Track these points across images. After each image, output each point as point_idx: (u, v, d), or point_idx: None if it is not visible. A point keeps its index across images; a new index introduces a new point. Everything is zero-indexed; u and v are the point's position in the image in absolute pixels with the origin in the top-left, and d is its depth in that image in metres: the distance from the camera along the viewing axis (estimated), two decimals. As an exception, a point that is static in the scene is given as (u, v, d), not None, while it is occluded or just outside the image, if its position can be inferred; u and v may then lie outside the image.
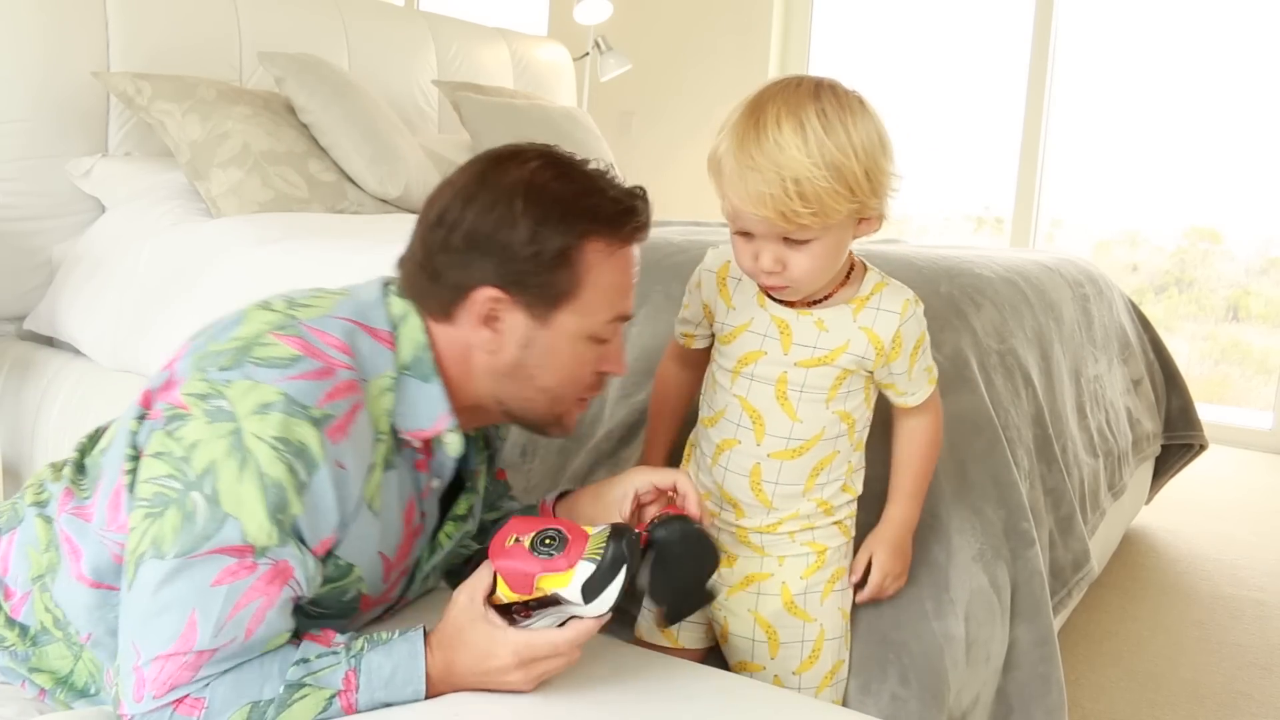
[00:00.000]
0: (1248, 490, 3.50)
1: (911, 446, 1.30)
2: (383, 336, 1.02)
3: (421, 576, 1.16)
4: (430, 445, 1.06)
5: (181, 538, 0.92)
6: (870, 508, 1.34)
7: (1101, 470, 2.10)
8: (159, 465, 0.94)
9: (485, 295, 1.02)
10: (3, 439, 2.36)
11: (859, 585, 1.32)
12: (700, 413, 1.32)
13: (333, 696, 0.94)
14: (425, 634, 0.99)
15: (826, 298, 1.22)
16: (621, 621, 1.45)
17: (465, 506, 1.16)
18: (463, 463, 1.17)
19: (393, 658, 0.97)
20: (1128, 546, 2.80)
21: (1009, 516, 1.48)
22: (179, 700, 0.92)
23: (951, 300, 1.69)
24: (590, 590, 0.94)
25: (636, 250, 1.10)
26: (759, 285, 1.23)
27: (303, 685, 0.94)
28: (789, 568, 1.27)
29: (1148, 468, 2.70)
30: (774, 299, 1.22)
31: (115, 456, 1.03)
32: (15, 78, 2.34)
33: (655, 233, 2.13)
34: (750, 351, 1.23)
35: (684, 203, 4.48)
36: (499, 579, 0.98)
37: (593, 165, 1.08)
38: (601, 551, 0.95)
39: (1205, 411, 2.83)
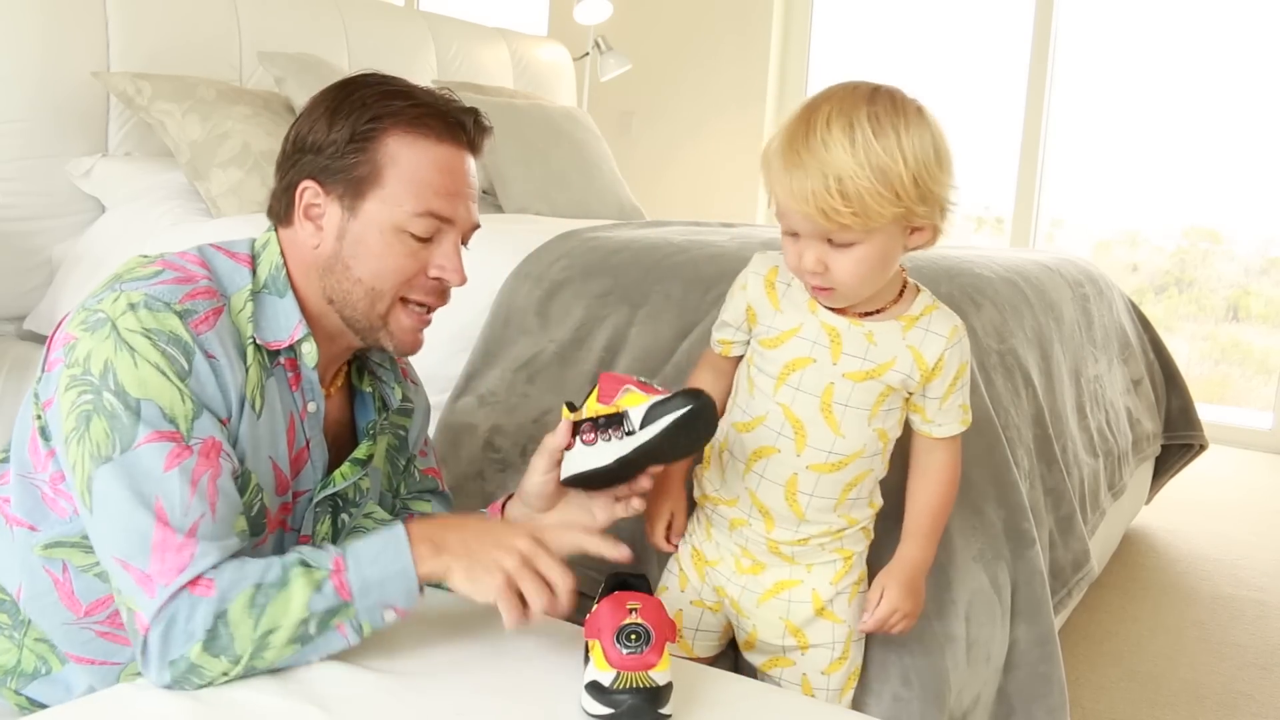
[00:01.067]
0: (1248, 490, 3.50)
1: (930, 485, 1.26)
2: (241, 258, 1.11)
3: (311, 506, 1.17)
4: (297, 364, 1.12)
5: (115, 436, 0.97)
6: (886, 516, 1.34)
7: (1101, 470, 2.10)
8: (70, 393, 1.00)
9: (303, 189, 1.11)
10: (3, 439, 2.36)
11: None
12: (732, 417, 1.28)
13: (326, 576, 0.98)
14: (405, 522, 1.04)
15: (878, 311, 1.20)
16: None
17: (364, 451, 1.21)
18: (361, 415, 1.25)
19: (377, 538, 1.02)
20: (1128, 546, 2.80)
21: (1009, 516, 1.48)
22: (193, 582, 0.95)
23: (951, 300, 1.69)
24: (650, 415, 1.06)
25: (458, 155, 1.13)
26: (808, 290, 1.20)
27: (300, 564, 0.98)
28: (818, 574, 1.26)
29: (1148, 468, 2.70)
30: (825, 306, 1.20)
31: (24, 415, 1.09)
32: (15, 78, 2.34)
33: (655, 233, 2.14)
34: (798, 358, 1.20)
35: (684, 203, 4.49)
36: (594, 391, 1.13)
37: (427, 86, 1.15)
38: (675, 392, 1.07)
39: (1205, 411, 2.83)
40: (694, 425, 1.06)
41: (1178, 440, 2.72)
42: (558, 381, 1.72)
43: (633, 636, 0.99)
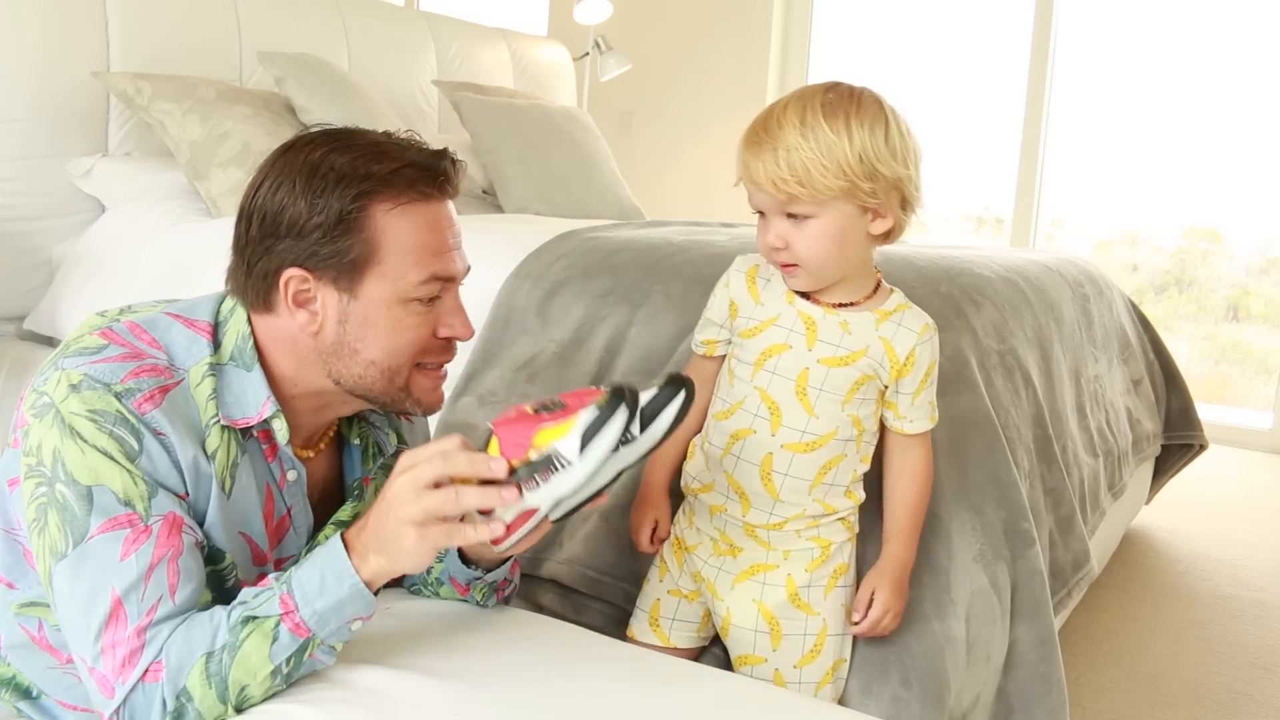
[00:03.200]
0: (1248, 490, 3.50)
1: (908, 483, 1.32)
2: (201, 328, 1.05)
3: None
4: (272, 434, 1.07)
5: (68, 530, 0.95)
6: (872, 508, 1.34)
7: (1101, 470, 2.10)
8: (28, 483, 0.98)
9: (289, 276, 1.03)
10: (3, 439, 2.36)
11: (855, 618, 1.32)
12: (712, 409, 1.33)
13: (277, 623, 0.95)
14: (342, 534, 0.99)
15: (853, 304, 1.27)
16: (613, 619, 1.45)
17: (349, 512, 1.16)
18: (349, 470, 1.20)
19: (317, 565, 0.97)
20: (1128, 546, 2.80)
21: (1009, 517, 1.48)
22: (144, 673, 0.94)
23: (951, 300, 1.69)
24: (589, 435, 0.93)
25: (444, 208, 1.07)
26: (783, 277, 1.28)
27: (246, 622, 0.95)
28: (794, 560, 1.29)
29: (1148, 468, 2.70)
30: (801, 295, 1.27)
31: (3, 472, 1.07)
32: (15, 78, 2.34)
33: (655, 233, 2.14)
34: (775, 345, 1.27)
35: (684, 203, 4.49)
36: (493, 442, 0.97)
37: (386, 134, 1.07)
38: (605, 401, 0.94)
39: (1205, 411, 2.83)
40: (632, 410, 0.97)
41: (1178, 440, 2.72)
42: (558, 381, 1.72)
43: (547, 405, 0.96)
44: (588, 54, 4.24)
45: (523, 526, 0.98)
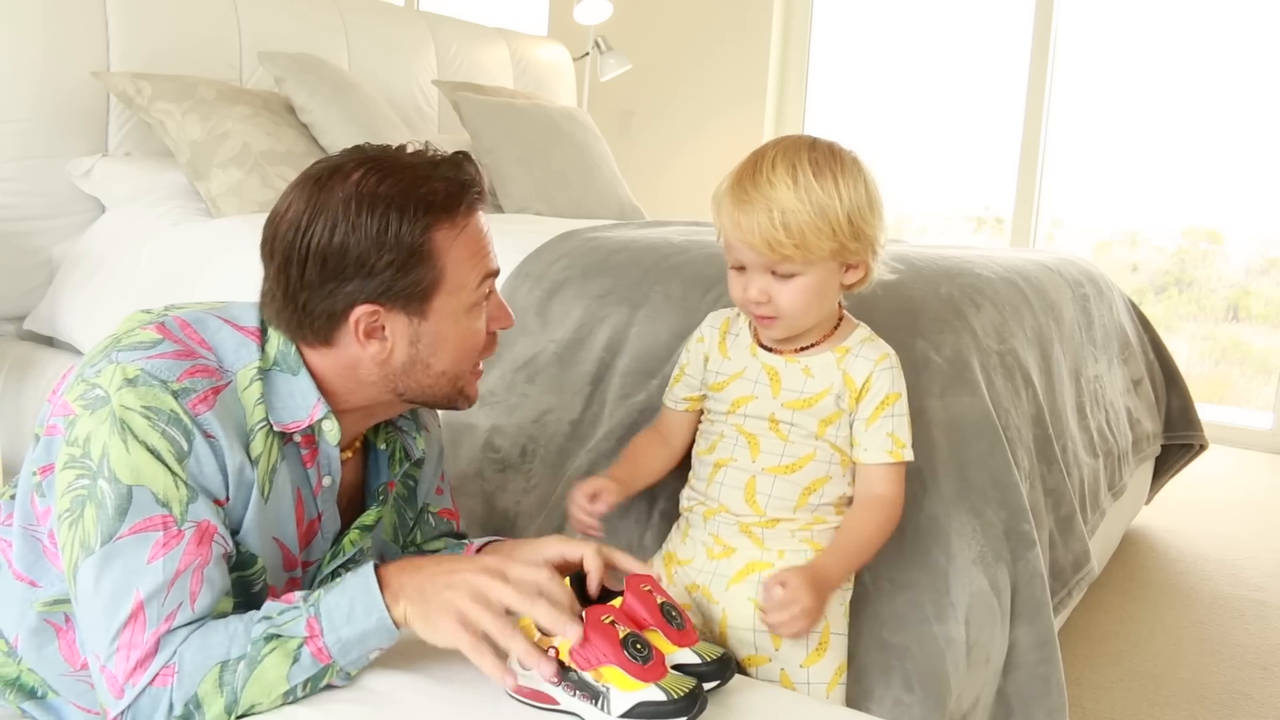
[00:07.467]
0: (1248, 490, 3.50)
1: (857, 511, 1.28)
2: (249, 331, 1.06)
3: (320, 578, 1.15)
4: (314, 439, 1.08)
5: (101, 526, 0.95)
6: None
7: (1101, 470, 2.10)
8: (68, 473, 0.97)
9: (360, 313, 1.03)
10: (3, 439, 2.36)
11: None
12: (695, 450, 1.37)
13: (300, 645, 0.95)
14: (376, 566, 0.99)
15: (813, 345, 1.29)
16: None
17: (373, 517, 1.17)
18: (373, 475, 1.20)
19: (348, 593, 0.97)
20: (1128, 546, 2.80)
21: (1010, 518, 1.48)
22: (154, 677, 0.94)
23: (951, 300, 1.69)
24: (641, 711, 0.94)
25: (479, 214, 1.10)
26: (751, 321, 1.31)
27: (269, 639, 0.95)
28: (789, 560, 1.28)
29: (1148, 468, 2.70)
30: (765, 348, 1.31)
31: (26, 468, 1.07)
32: (15, 78, 2.34)
33: (655, 233, 2.14)
34: (742, 396, 1.31)
35: (683, 202, 4.49)
36: (570, 641, 0.97)
37: (411, 151, 1.07)
38: (680, 693, 0.95)
39: (1205, 411, 2.83)
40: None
41: (1178, 440, 2.72)
42: (558, 381, 1.72)
43: (638, 646, 0.97)
44: (588, 54, 4.24)
45: (532, 700, 0.98)
